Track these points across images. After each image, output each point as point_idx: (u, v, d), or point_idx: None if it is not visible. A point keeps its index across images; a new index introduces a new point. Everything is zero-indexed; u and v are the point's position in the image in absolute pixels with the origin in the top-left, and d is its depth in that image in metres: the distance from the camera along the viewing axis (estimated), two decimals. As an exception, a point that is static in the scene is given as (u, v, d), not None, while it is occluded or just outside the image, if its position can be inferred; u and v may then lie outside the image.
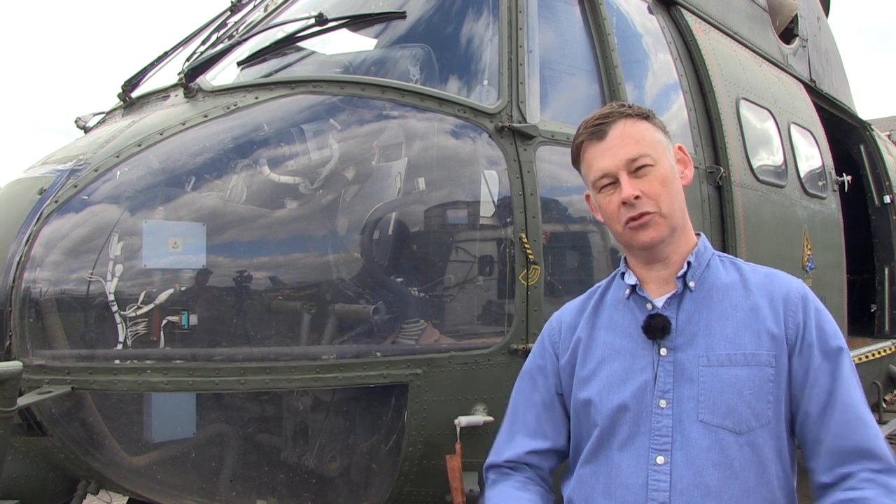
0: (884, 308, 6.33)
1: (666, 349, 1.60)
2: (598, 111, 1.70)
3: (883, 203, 6.46)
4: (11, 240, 2.57)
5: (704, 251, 1.69)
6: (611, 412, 1.61)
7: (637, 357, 1.63)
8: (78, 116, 3.70)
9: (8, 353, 2.50)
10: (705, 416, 1.53)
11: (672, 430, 1.55)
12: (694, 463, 1.52)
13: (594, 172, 1.65)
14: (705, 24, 4.44)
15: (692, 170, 1.75)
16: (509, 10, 3.18)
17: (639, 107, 1.70)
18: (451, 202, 3.00)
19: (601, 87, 3.47)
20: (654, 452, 1.55)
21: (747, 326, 1.58)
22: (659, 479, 1.53)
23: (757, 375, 1.54)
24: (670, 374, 1.58)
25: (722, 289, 1.64)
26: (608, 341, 1.69)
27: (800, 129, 5.10)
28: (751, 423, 1.52)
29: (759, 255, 4.06)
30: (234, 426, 2.76)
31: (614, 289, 1.77)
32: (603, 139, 1.63)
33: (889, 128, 9.83)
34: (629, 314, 1.69)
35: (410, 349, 2.77)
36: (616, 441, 1.61)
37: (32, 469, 2.83)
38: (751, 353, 1.55)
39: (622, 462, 1.58)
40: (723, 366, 1.55)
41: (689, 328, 1.61)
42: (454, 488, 2.60)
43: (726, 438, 1.52)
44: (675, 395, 1.56)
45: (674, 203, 1.62)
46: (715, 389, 1.54)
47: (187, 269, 2.63)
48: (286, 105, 2.92)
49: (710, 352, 1.57)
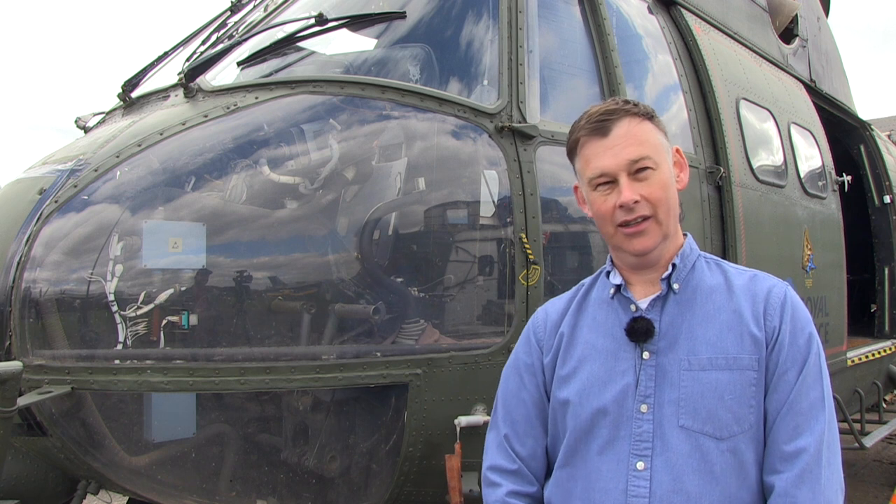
0: (884, 308, 6.33)
1: (648, 352, 1.58)
2: (603, 105, 1.64)
3: (883, 203, 6.46)
4: (11, 240, 2.57)
5: (690, 253, 1.66)
6: (590, 415, 1.59)
7: (619, 359, 1.60)
8: (78, 116, 3.70)
9: (8, 353, 2.50)
10: (686, 421, 1.51)
11: (653, 435, 1.53)
12: (674, 469, 1.50)
13: (592, 170, 1.60)
14: (705, 24, 4.44)
15: (687, 173, 1.72)
16: (509, 10, 3.17)
17: (644, 105, 1.64)
18: (451, 202, 3.00)
19: (601, 87, 3.46)
20: (634, 458, 1.53)
21: (731, 329, 1.56)
22: (639, 484, 1.51)
23: (739, 379, 1.52)
24: (652, 379, 1.56)
25: (706, 291, 1.61)
26: (590, 341, 1.66)
27: (800, 129, 5.10)
28: (732, 429, 1.50)
29: (759, 255, 4.06)
30: (235, 426, 2.76)
31: (599, 287, 1.74)
32: (605, 136, 1.58)
33: (889, 128, 9.84)
34: (613, 314, 1.66)
35: (410, 349, 2.77)
36: (595, 444, 1.58)
37: (32, 469, 2.83)
38: (733, 356, 1.53)
39: (601, 466, 1.57)
40: (704, 370, 1.53)
41: (671, 331, 1.58)
42: (452, 488, 2.60)
43: (707, 444, 1.50)
44: (656, 399, 1.54)
45: (670, 210, 1.59)
46: (696, 394, 1.52)
47: (187, 269, 2.63)
48: (286, 105, 2.92)
49: (692, 355, 1.54)
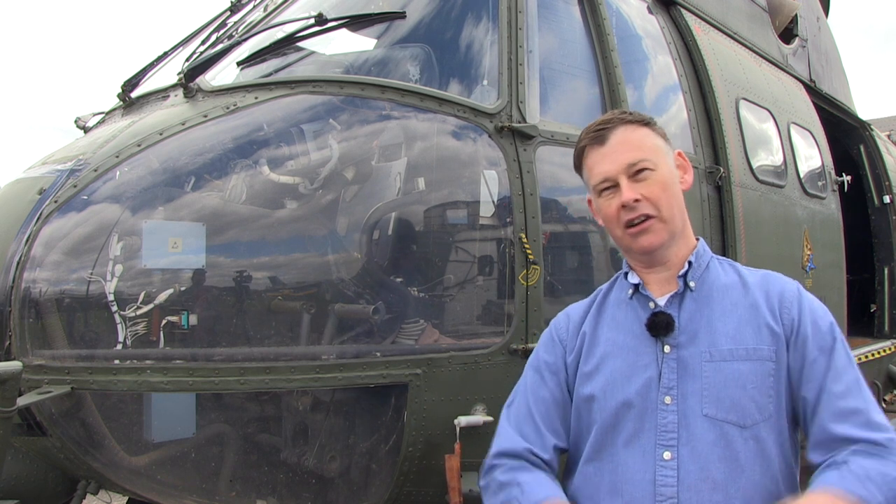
0: (883, 308, 6.33)
1: (669, 346, 1.63)
2: (600, 118, 1.75)
3: (883, 203, 6.46)
4: (11, 240, 2.57)
5: (704, 253, 1.73)
6: (615, 409, 1.63)
7: (640, 354, 1.65)
8: (78, 116, 3.70)
9: (8, 353, 2.50)
10: (710, 410, 1.56)
11: (678, 425, 1.57)
12: (700, 457, 1.54)
13: (595, 177, 1.69)
14: (705, 24, 4.44)
15: (692, 175, 1.79)
16: (509, 10, 3.17)
17: (639, 113, 1.75)
18: (450, 202, 3.00)
19: (601, 87, 3.46)
20: (660, 448, 1.57)
21: (748, 322, 1.62)
22: (666, 474, 1.55)
23: (759, 370, 1.57)
24: (674, 371, 1.61)
25: (722, 288, 1.68)
26: (611, 338, 1.72)
27: (799, 129, 5.10)
28: (755, 417, 1.55)
29: (758, 255, 4.06)
30: (234, 426, 2.76)
31: (617, 289, 1.81)
32: (604, 144, 1.68)
33: (889, 128, 9.84)
34: (632, 312, 1.72)
35: (410, 349, 2.77)
36: (621, 438, 1.62)
37: (32, 469, 2.83)
38: (752, 347, 1.59)
39: (628, 459, 1.60)
40: (725, 361, 1.58)
41: (691, 325, 1.64)
42: (452, 488, 2.60)
43: (731, 432, 1.55)
44: (679, 391, 1.59)
45: (673, 207, 1.66)
46: (718, 384, 1.57)
47: (187, 269, 2.63)
48: (286, 105, 2.92)
49: (713, 347, 1.60)
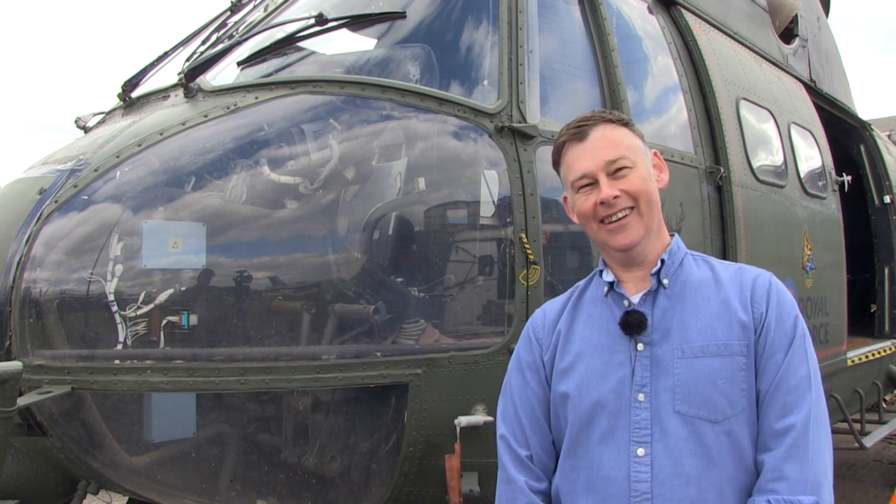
0: (884, 308, 6.33)
1: (643, 344, 1.65)
2: (581, 115, 1.78)
3: (883, 203, 6.46)
4: (11, 240, 2.57)
5: (678, 250, 1.76)
6: (589, 406, 1.66)
7: (615, 352, 1.68)
8: (78, 116, 3.71)
9: (8, 353, 2.50)
10: (681, 406, 1.59)
11: (651, 422, 1.60)
12: (673, 453, 1.57)
13: (574, 173, 1.71)
14: (705, 24, 4.44)
15: (668, 174, 1.83)
16: (509, 10, 3.17)
17: (619, 113, 1.80)
18: (451, 202, 3.00)
19: (601, 87, 3.46)
20: (634, 445, 1.60)
21: (720, 318, 1.64)
22: (640, 470, 1.58)
23: (730, 365, 1.60)
24: (647, 369, 1.63)
25: (695, 284, 1.70)
26: (586, 336, 1.74)
27: (800, 129, 5.10)
28: (726, 412, 1.58)
29: (758, 255, 4.05)
30: (234, 426, 2.76)
31: (593, 287, 1.83)
32: (583, 140, 1.70)
33: (889, 128, 9.83)
34: (607, 311, 1.74)
35: (410, 349, 2.77)
36: (595, 435, 1.65)
37: (32, 469, 2.83)
38: (723, 343, 1.61)
39: (603, 456, 1.63)
40: (696, 357, 1.61)
41: (663, 323, 1.66)
42: (451, 488, 2.60)
43: (703, 428, 1.57)
44: (652, 388, 1.61)
45: (651, 203, 1.69)
46: (690, 380, 1.59)
47: (187, 269, 2.63)
48: (286, 105, 2.92)
49: (685, 344, 1.62)
